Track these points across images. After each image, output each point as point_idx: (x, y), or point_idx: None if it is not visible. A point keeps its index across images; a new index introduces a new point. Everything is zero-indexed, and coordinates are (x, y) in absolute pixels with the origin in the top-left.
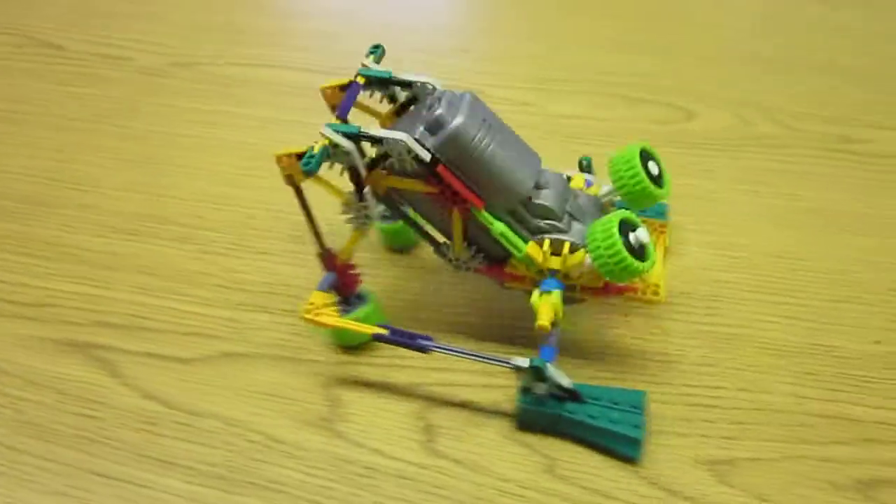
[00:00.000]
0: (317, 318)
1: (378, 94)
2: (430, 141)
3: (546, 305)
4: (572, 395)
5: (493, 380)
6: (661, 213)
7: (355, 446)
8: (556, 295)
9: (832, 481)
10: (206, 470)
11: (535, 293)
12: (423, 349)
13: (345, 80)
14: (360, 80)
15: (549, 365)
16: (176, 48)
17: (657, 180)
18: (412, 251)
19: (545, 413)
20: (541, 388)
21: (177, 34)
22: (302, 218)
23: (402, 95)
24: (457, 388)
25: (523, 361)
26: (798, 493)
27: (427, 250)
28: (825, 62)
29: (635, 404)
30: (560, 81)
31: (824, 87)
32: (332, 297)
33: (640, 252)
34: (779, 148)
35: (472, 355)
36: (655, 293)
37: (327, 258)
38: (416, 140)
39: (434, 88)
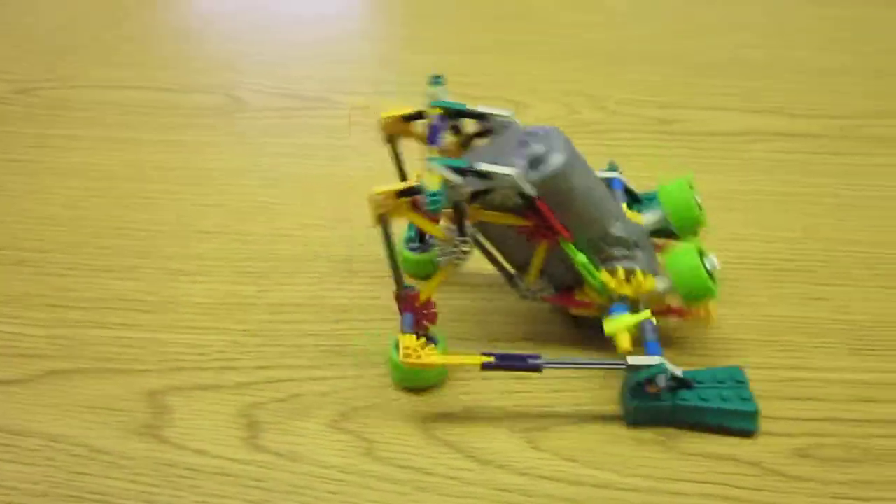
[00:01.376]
0: (421, 360)
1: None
2: (533, 176)
3: (622, 331)
4: (684, 384)
5: (316, 372)
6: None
7: (179, 449)
8: (625, 318)
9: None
10: (29, 489)
11: (608, 322)
12: (537, 368)
13: (407, 110)
14: (436, 111)
15: (658, 359)
16: (15, 73)
17: (700, 209)
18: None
19: (660, 407)
20: (658, 382)
21: (15, 58)
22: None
23: (471, 127)
24: (282, 384)
25: (644, 360)
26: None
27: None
28: (648, 52)
29: (739, 378)
30: (400, 84)
31: (648, 75)
32: (419, 338)
33: (712, 274)
34: (602, 132)
35: (586, 364)
36: (708, 313)
37: (406, 299)
38: (520, 175)
39: (512, 122)
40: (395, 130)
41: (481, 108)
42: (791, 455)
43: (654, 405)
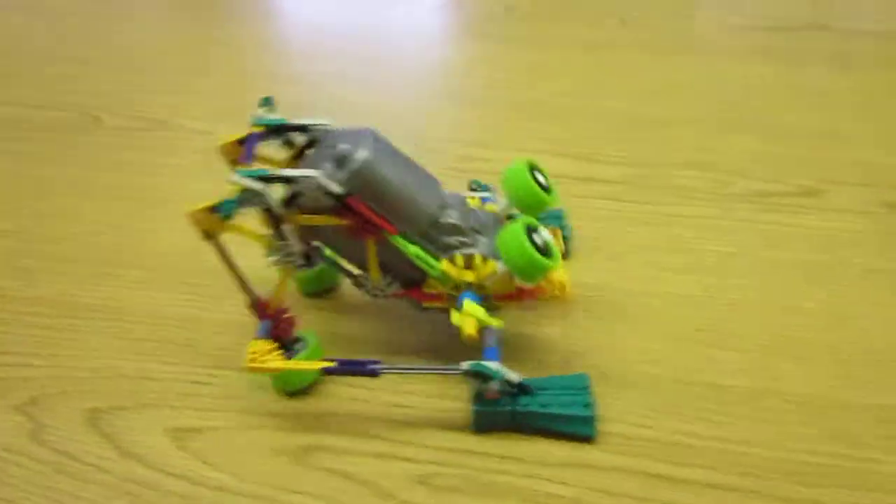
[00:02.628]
0: (262, 365)
1: (276, 143)
2: (339, 175)
3: (466, 318)
4: (523, 390)
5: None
6: (558, 217)
7: None
8: (470, 303)
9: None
10: None
11: (454, 312)
12: (374, 373)
13: (241, 135)
14: (257, 129)
15: (494, 364)
16: None
17: (546, 189)
18: (332, 294)
19: (501, 412)
20: (493, 387)
21: None
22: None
23: (299, 140)
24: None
25: (470, 365)
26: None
27: (346, 288)
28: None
29: (581, 385)
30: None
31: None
32: (271, 344)
33: (545, 250)
34: None
35: (422, 370)
36: (563, 289)
37: (259, 306)
38: (325, 175)
39: (332, 129)
40: (235, 155)
41: (301, 121)
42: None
43: (494, 410)
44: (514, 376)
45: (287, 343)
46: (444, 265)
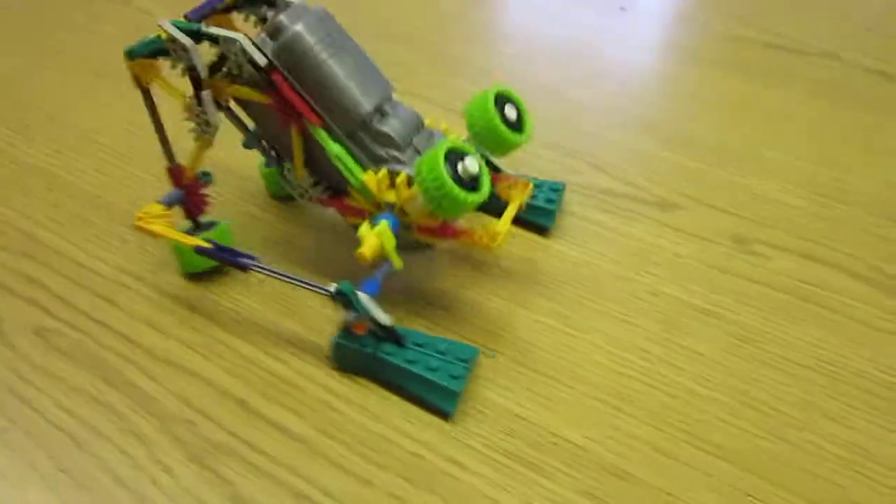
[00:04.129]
0: (147, 226)
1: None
2: (270, 46)
3: (371, 235)
4: (390, 335)
5: None
6: (556, 189)
7: None
8: (384, 225)
9: None
10: None
11: (365, 224)
12: (243, 267)
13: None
14: None
15: (361, 295)
16: None
17: (516, 124)
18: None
19: (359, 351)
20: (360, 320)
21: None
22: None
23: (269, 14)
24: None
25: (338, 286)
26: None
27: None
28: None
29: (463, 357)
30: None
31: None
32: (168, 213)
33: (470, 184)
34: None
35: (289, 278)
36: (493, 239)
37: (175, 173)
38: (253, 43)
39: (293, 3)
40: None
41: None
42: None
43: (354, 348)
44: (383, 317)
45: (199, 223)
46: (367, 177)
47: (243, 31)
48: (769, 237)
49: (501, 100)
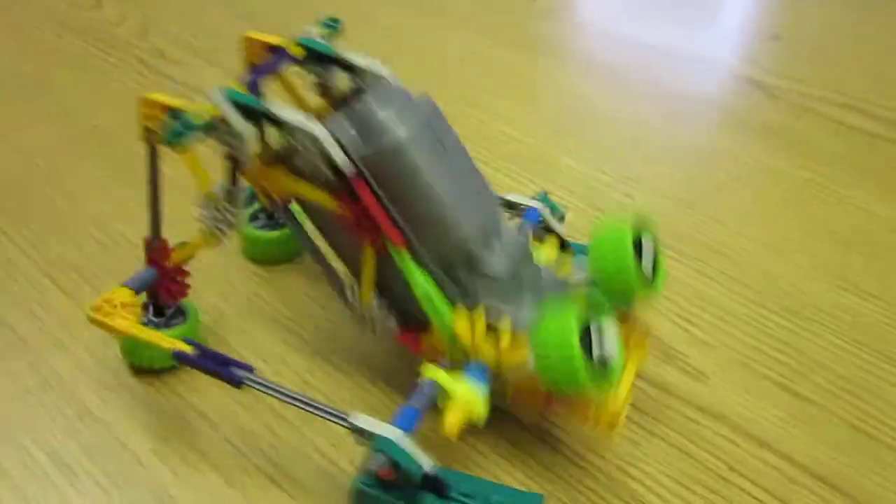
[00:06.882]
0: (105, 319)
1: (310, 79)
2: (360, 148)
3: (456, 409)
4: (431, 484)
5: None
6: (543, 199)
7: None
8: (473, 389)
9: None
10: None
11: (445, 375)
12: (236, 382)
13: (275, 39)
14: (296, 51)
15: (398, 434)
16: None
17: (650, 273)
18: (281, 268)
19: (387, 502)
20: (376, 460)
21: None
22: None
23: (341, 85)
24: None
25: (368, 424)
26: None
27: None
28: None
29: None
30: None
31: None
32: (137, 299)
33: (600, 364)
34: None
35: (299, 400)
36: (611, 425)
37: (156, 249)
38: (336, 139)
39: (387, 80)
40: (254, 56)
41: (353, 57)
42: None
43: (379, 497)
44: (424, 461)
45: (166, 311)
46: (459, 318)
47: (301, 93)
48: None
49: (637, 239)
